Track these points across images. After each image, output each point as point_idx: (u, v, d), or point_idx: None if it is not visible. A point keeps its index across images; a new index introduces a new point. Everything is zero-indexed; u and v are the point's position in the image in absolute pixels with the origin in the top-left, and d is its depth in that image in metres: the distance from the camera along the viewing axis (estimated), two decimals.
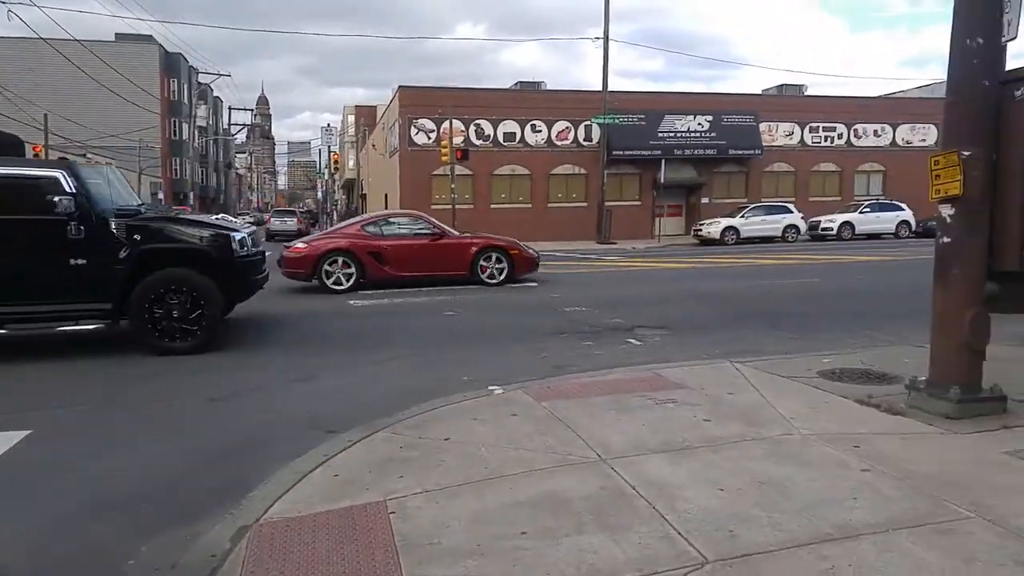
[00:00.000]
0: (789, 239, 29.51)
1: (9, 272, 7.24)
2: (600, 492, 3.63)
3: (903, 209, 30.84)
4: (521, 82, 38.06)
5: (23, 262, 7.28)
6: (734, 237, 29.05)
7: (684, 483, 3.71)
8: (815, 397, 5.34)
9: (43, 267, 7.33)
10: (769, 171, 35.60)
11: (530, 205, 33.17)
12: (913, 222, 30.42)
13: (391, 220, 14.67)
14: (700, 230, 30.19)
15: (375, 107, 53.94)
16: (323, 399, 6.03)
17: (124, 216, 7.62)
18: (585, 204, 32.94)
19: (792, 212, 30.45)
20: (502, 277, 14.01)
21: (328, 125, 58.43)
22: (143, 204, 9.42)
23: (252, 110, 76.99)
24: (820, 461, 3.97)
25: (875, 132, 36.53)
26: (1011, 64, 4.79)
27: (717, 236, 28.97)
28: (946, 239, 4.87)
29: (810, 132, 35.86)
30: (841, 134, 36.29)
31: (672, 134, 32.90)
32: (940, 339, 4.99)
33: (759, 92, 39.27)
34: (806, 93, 39.05)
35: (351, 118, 65.72)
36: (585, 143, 33.50)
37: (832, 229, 29.89)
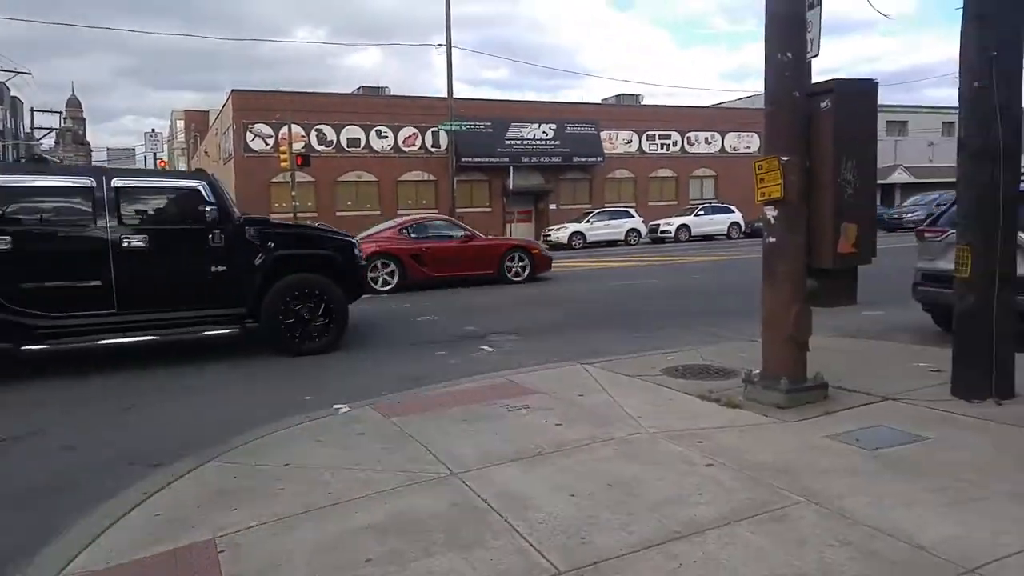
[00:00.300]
0: (631, 242, 31.17)
1: (162, 279, 7.52)
2: (452, 509, 3.53)
3: (733, 211, 33.53)
4: (364, 87, 37.38)
5: (174, 270, 7.56)
6: (581, 241, 30.24)
7: (537, 492, 3.69)
8: (660, 395, 5.56)
9: (190, 274, 7.63)
10: (611, 177, 37.38)
11: (379, 212, 32.57)
12: (743, 223, 33.15)
13: (427, 224, 15.59)
14: (549, 235, 31.11)
15: (207, 112, 50.88)
16: (135, 433, 5.47)
17: (255, 224, 8.06)
18: (436, 211, 32.87)
19: (633, 216, 32.22)
20: (525, 275, 15.29)
21: (153, 131, 54.09)
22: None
23: (61, 112, 69.68)
24: (667, 459, 4.11)
25: (706, 140, 39.44)
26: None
27: (565, 241, 30.02)
28: (771, 239, 5.25)
29: (647, 140, 38.07)
30: (676, 142, 38.84)
31: (519, 141, 33.68)
32: (769, 333, 5.37)
33: (599, 102, 41.16)
34: (643, 103, 41.43)
35: (180, 123, 61.52)
36: (433, 149, 33.47)
37: (670, 232, 31.93)
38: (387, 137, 32.87)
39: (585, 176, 36.71)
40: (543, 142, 34.22)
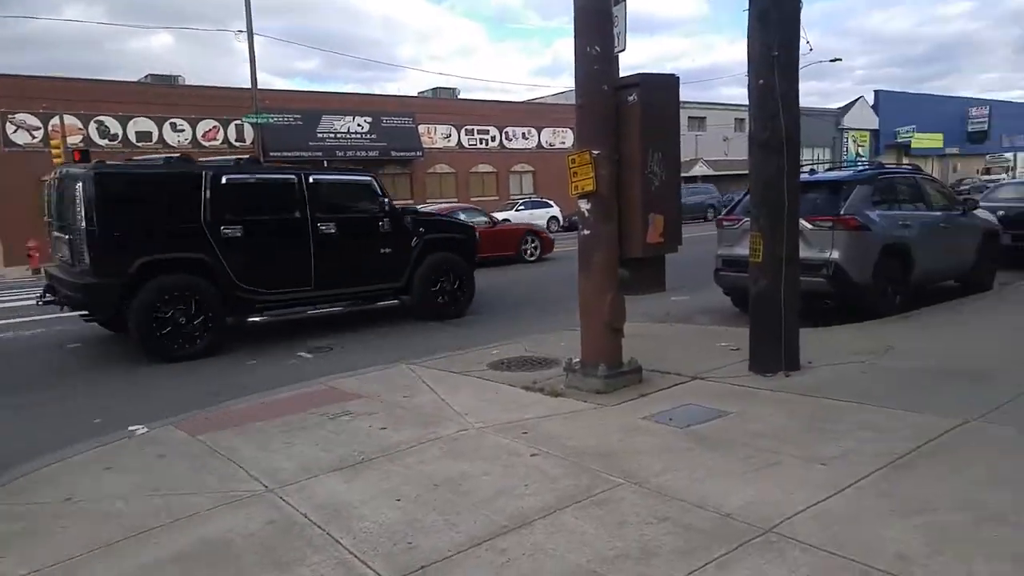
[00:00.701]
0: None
1: (348, 260, 9.03)
2: (267, 527, 3.34)
3: (552, 206, 34.87)
4: (153, 75, 34.37)
5: (356, 251, 9.11)
6: None
7: (361, 499, 3.59)
8: (486, 389, 5.65)
9: (368, 255, 9.20)
10: (432, 172, 37.42)
11: None
12: (561, 217, 34.59)
13: (459, 212, 17.35)
14: None
15: None
16: None
17: (409, 213, 9.93)
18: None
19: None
20: (537, 254, 18.24)
21: None
22: None
23: None
24: (494, 453, 4.18)
25: (523, 135, 40.67)
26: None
27: None
28: (586, 231, 5.50)
29: (466, 135, 38.54)
30: (494, 137, 39.67)
31: (332, 135, 32.68)
32: (587, 322, 5.63)
33: (416, 95, 41.05)
34: (460, 97, 41.87)
35: None
36: (238, 143, 31.52)
37: None
38: (184, 131, 30.49)
39: (405, 171, 36.44)
40: (358, 135, 33.46)
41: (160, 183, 7.99)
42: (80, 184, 7.45)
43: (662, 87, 5.47)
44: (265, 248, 8.40)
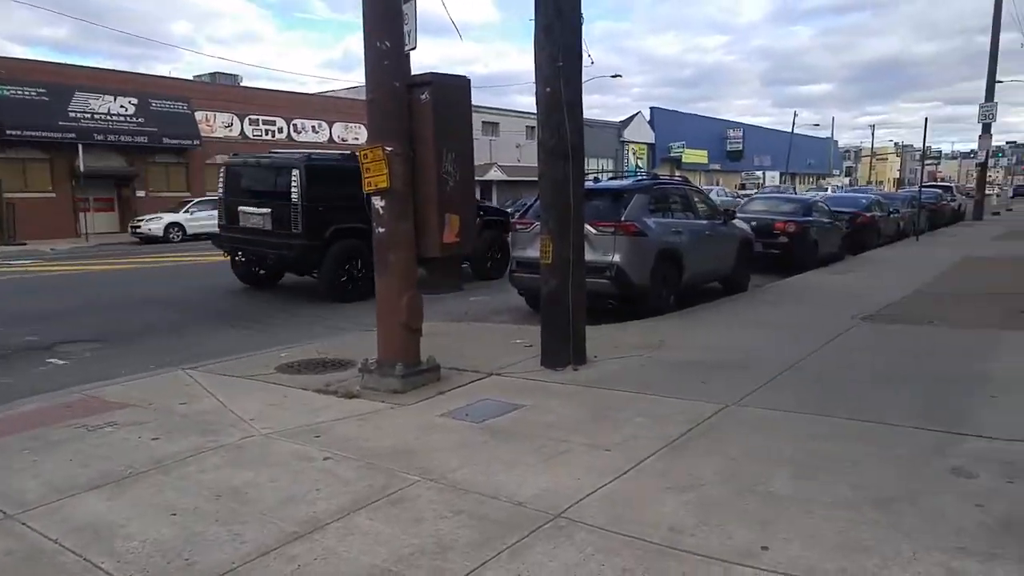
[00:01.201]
0: None
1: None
2: (5, 560, 2.93)
3: None
4: None
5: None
6: (180, 234, 27.72)
7: (128, 518, 3.28)
8: (275, 393, 5.40)
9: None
10: (213, 163, 34.86)
11: None
12: None
13: None
14: (139, 227, 27.81)
15: None
16: None
17: None
18: None
19: None
20: None
21: None
22: None
23: None
24: (283, 459, 4.01)
25: (314, 128, 39.37)
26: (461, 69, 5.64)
27: (160, 233, 27.19)
28: (381, 229, 5.46)
29: (251, 125, 36.51)
30: (282, 128, 37.99)
31: (89, 115, 29.31)
32: (384, 321, 5.60)
33: (191, 79, 38.24)
34: (243, 84, 39.61)
35: None
36: None
37: None
38: None
39: (180, 160, 33.72)
40: (122, 118, 30.32)
41: (340, 170, 10.44)
42: (295, 170, 10.35)
43: (455, 87, 5.59)
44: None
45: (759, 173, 67.89)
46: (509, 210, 17.15)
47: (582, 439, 4.25)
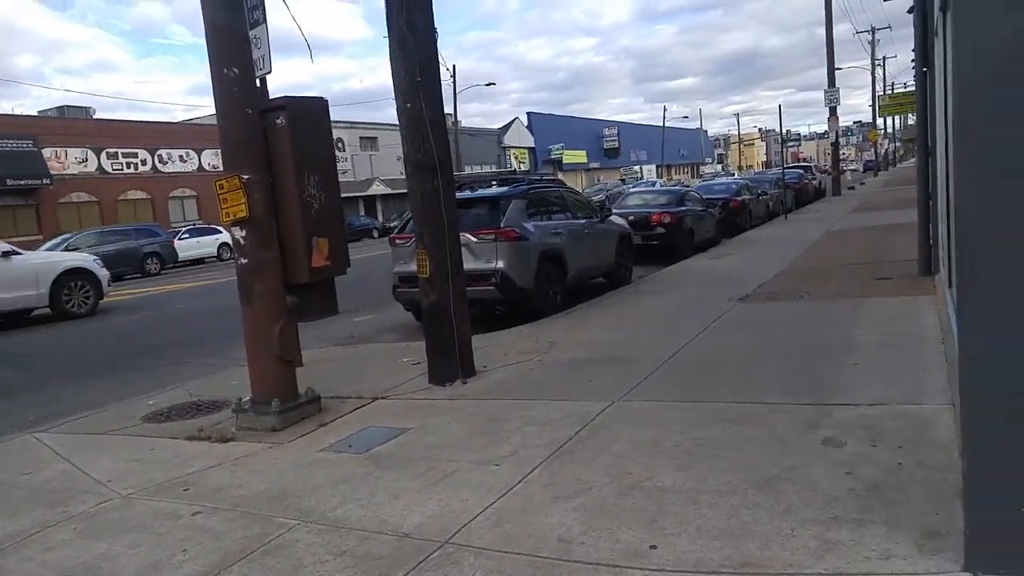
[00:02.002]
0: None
1: None
2: None
3: (221, 232, 32.59)
4: None
5: None
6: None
7: None
8: (140, 447, 5.01)
9: None
10: (67, 202, 32.70)
11: None
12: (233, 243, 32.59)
13: None
14: None
15: None
16: None
17: None
18: None
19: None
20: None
21: None
22: None
23: None
24: (145, 521, 3.69)
25: (181, 157, 37.56)
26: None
27: None
28: (244, 260, 5.18)
29: (108, 158, 34.41)
30: (145, 160, 36.03)
31: None
32: (255, 355, 5.31)
33: (36, 114, 35.66)
34: (96, 116, 37.29)
35: None
36: None
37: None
38: None
39: (30, 202, 31.32)
40: None
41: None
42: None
43: (311, 110, 5.39)
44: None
45: (636, 168, 70.27)
46: (394, 224, 16.69)
47: (470, 456, 4.15)
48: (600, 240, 10.68)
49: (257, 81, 5.37)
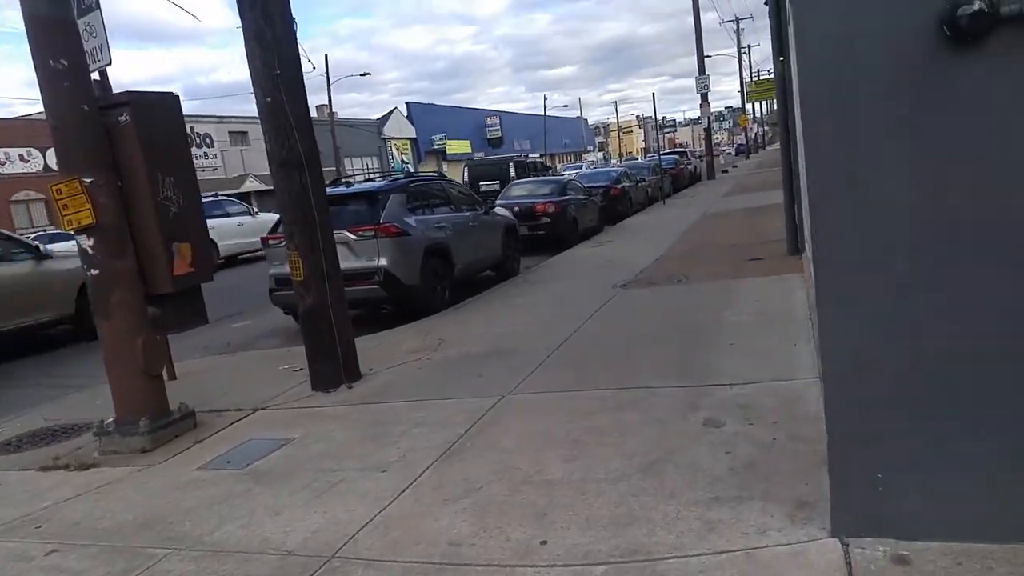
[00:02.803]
0: None
1: None
2: None
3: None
4: None
5: None
6: None
7: None
8: None
9: None
10: None
11: None
12: None
13: None
14: None
15: None
16: None
17: None
18: None
19: None
20: None
21: None
22: None
23: None
24: None
25: (22, 157, 34.64)
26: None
27: None
28: (95, 271, 4.82)
29: None
30: None
31: None
32: (117, 372, 4.97)
33: None
34: None
35: None
36: None
37: None
38: None
39: None
40: None
41: None
42: None
43: (160, 106, 5.06)
44: None
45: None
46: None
47: (356, 464, 4.04)
48: (486, 232, 10.70)
49: (96, 74, 4.97)
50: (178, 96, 5.16)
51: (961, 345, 2.28)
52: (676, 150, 45.66)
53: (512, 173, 23.84)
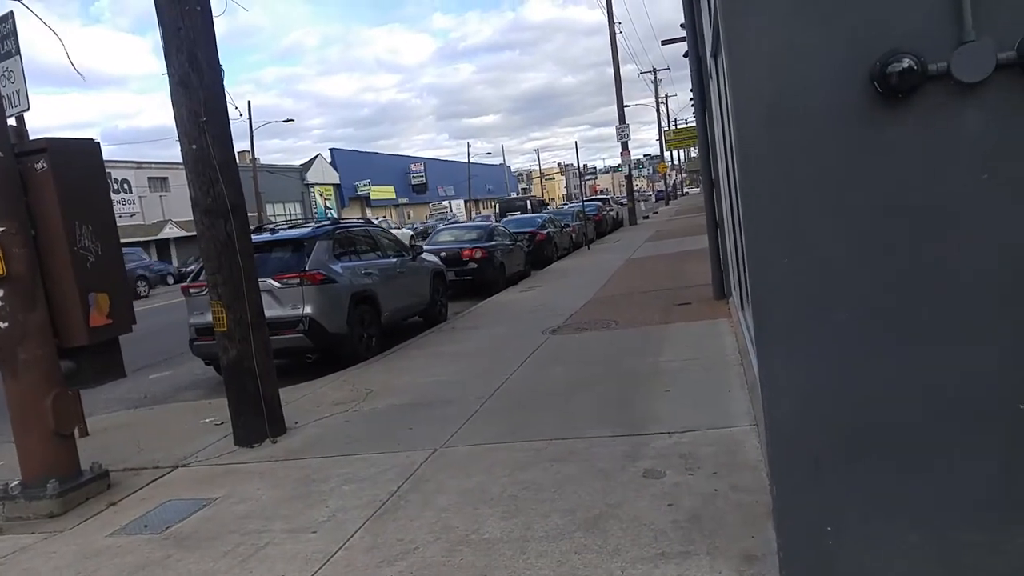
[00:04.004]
0: None
1: None
2: None
3: None
4: None
5: None
6: None
7: None
8: None
9: None
10: None
11: None
12: None
13: None
14: None
15: None
16: None
17: None
18: None
19: None
20: None
21: None
22: None
23: None
24: None
25: None
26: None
27: None
28: (2, 324, 4.50)
29: None
30: None
31: None
32: (24, 432, 4.64)
33: None
34: None
35: None
36: None
37: None
38: None
39: None
40: None
41: None
42: None
43: (80, 152, 4.85)
44: None
45: (445, 203, 71.25)
46: (191, 268, 15.52)
47: (283, 525, 3.84)
48: (413, 278, 10.58)
49: (12, 120, 4.73)
50: (98, 143, 4.95)
51: (905, 394, 2.29)
52: (598, 196, 46.68)
53: (528, 207, 33.89)
